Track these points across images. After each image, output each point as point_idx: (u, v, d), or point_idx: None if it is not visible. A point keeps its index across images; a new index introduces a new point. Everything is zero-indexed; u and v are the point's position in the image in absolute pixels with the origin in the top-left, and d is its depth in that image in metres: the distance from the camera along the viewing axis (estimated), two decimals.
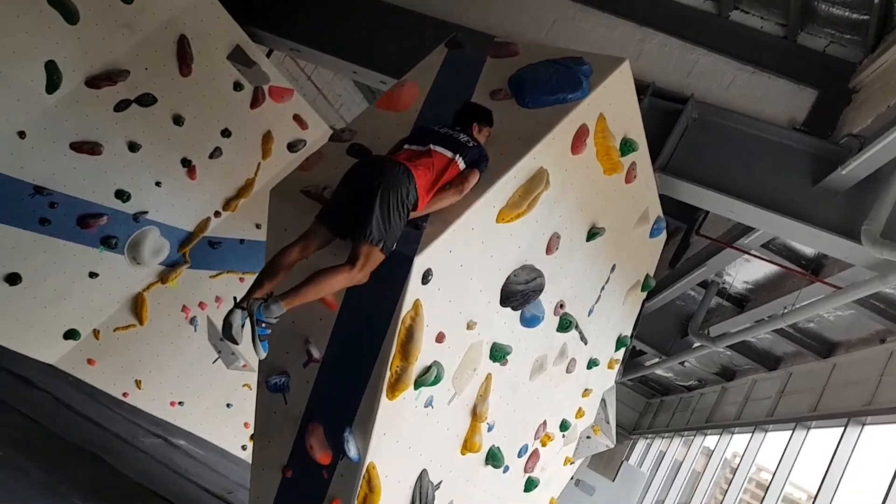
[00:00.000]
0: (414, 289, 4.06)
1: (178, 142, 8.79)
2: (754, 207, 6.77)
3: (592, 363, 6.93)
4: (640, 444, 21.84)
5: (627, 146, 5.65)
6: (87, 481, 5.57)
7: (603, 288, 6.49)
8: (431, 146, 4.25)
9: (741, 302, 11.33)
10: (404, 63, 5.71)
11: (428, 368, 4.43)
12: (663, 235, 7.26)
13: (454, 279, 4.37)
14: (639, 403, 22.42)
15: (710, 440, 15.17)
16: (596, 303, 6.46)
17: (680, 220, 10.19)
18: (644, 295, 7.63)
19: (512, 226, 4.66)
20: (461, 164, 4.26)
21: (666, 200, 9.10)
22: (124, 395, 9.50)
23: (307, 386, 4.48)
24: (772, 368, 12.83)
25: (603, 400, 7.75)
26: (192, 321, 9.85)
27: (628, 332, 7.60)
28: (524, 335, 5.40)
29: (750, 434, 12.75)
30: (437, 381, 4.49)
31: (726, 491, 12.74)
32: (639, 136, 5.81)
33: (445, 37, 5.71)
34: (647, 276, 7.38)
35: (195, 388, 10.06)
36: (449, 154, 4.24)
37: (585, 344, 6.56)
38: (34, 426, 6.13)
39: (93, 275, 8.74)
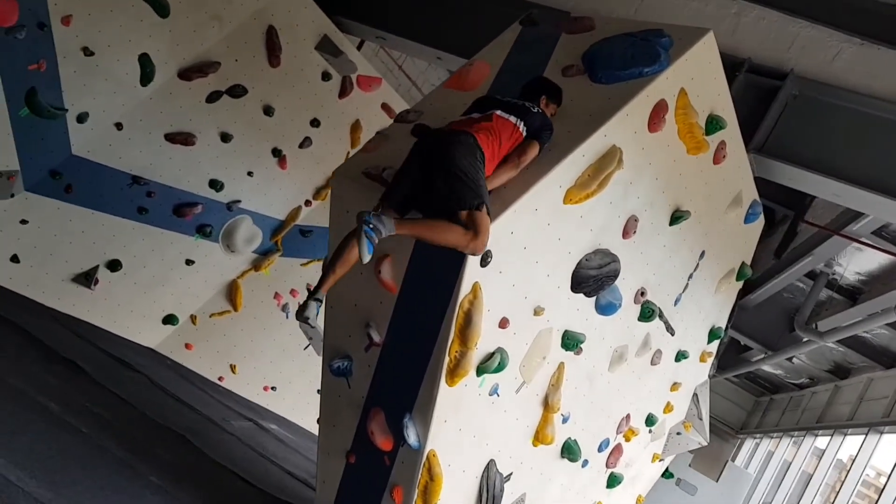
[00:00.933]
0: (472, 271, 3.92)
1: (268, 132, 8.94)
2: (861, 190, 6.26)
3: (681, 355, 6.60)
4: (748, 444, 20.91)
5: (714, 124, 5.31)
6: (168, 461, 5.71)
7: (691, 276, 6.14)
8: (493, 111, 4.11)
9: (854, 294, 10.59)
10: None
11: (491, 355, 4.28)
12: (760, 221, 6.82)
13: (517, 262, 4.20)
14: (747, 402, 21.46)
15: (822, 441, 14.33)
16: (683, 291, 6.13)
17: (787, 207, 9.63)
18: (740, 284, 7.20)
19: (581, 207, 4.44)
20: (522, 130, 4.11)
21: (771, 186, 8.60)
22: (220, 378, 9.78)
23: (369, 370, 4.42)
24: (889, 366, 11.95)
25: (695, 395, 7.37)
26: (284, 308, 10.04)
27: (722, 323, 7.18)
28: (600, 323, 5.17)
29: (864, 435, 11.94)
30: (500, 368, 4.33)
31: (838, 494, 11.99)
32: (727, 112, 5.45)
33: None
34: (744, 264, 6.95)
35: (287, 374, 10.24)
36: (512, 119, 4.11)
37: (672, 335, 6.24)
38: (124, 406, 6.34)
39: (189, 262, 9.01)
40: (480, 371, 4.26)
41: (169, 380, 8.38)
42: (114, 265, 8.38)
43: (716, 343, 7.24)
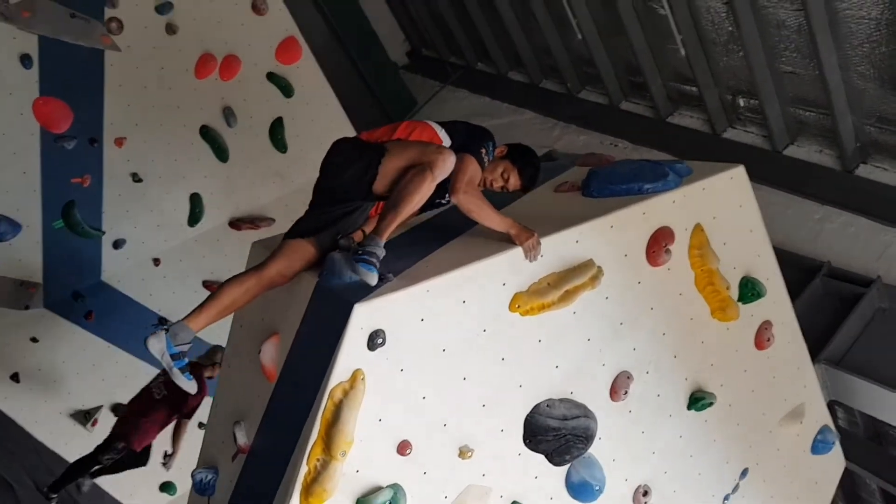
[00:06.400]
0: (353, 350, 3.01)
1: None
2: None
3: None
4: None
5: (750, 290, 4.29)
6: None
7: (727, 498, 4.77)
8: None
9: None
10: None
11: (379, 489, 3.19)
12: (837, 457, 5.37)
13: (431, 368, 3.24)
14: None
15: None
16: None
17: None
18: None
19: (540, 326, 3.50)
20: (442, 137, 3.52)
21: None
22: None
23: (230, 486, 3.42)
24: None
25: None
26: None
27: None
28: None
29: None
30: None
31: None
32: (772, 283, 4.43)
33: None
34: None
35: None
36: (435, 126, 3.58)
37: None
38: None
39: (202, 425, 8.30)
40: None
41: None
42: (118, 409, 7.80)
43: None
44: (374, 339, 3.02)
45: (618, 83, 8.40)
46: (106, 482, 7.83)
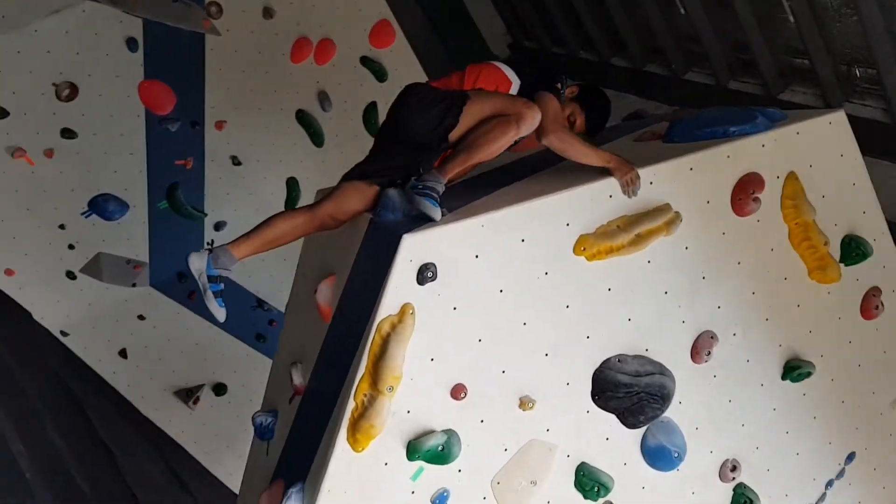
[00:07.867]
0: (402, 283, 2.90)
1: None
2: None
3: None
4: None
5: (854, 249, 3.90)
6: None
7: (830, 484, 4.36)
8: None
9: None
10: None
11: (432, 433, 3.06)
12: None
13: (487, 308, 3.09)
14: None
15: None
16: (819, 502, 4.34)
17: None
18: None
19: (607, 273, 3.28)
20: (511, 78, 3.42)
21: None
22: None
23: (286, 429, 3.38)
24: None
25: None
26: None
27: None
28: (651, 479, 3.67)
29: None
30: (444, 458, 3.07)
31: None
32: (879, 242, 4.02)
33: None
34: None
35: None
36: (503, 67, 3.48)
37: None
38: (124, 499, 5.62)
39: None
40: (413, 452, 3.04)
41: None
42: (219, 389, 8.01)
43: None
44: (424, 273, 2.91)
45: (724, 61, 7.97)
46: (218, 470, 8.06)
